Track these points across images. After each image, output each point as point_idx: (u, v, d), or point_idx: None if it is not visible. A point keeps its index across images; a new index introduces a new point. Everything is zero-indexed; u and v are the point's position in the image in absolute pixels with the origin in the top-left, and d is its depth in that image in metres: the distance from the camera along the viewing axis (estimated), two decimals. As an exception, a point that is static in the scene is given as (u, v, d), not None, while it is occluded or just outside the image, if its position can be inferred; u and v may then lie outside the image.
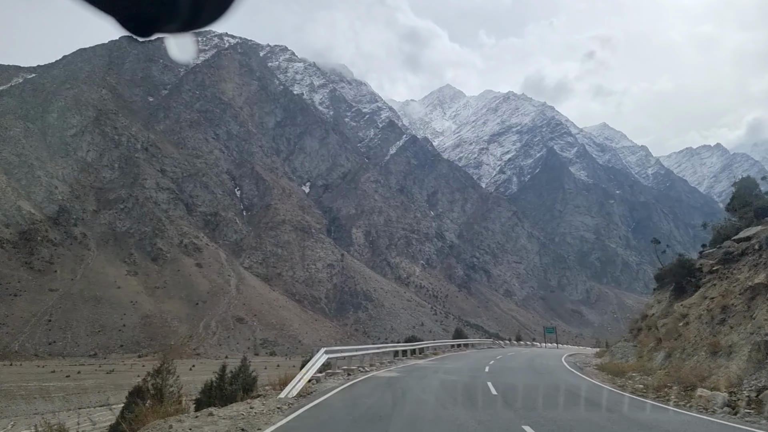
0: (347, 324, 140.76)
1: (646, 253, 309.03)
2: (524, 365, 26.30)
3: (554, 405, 12.03)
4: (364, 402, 12.78)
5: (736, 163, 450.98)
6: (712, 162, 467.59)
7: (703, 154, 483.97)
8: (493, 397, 13.22)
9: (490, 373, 20.47)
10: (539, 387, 15.47)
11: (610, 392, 15.27)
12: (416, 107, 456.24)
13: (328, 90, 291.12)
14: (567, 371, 23.04)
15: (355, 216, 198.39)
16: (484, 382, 16.69)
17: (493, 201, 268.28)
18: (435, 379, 17.95)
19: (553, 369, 24.02)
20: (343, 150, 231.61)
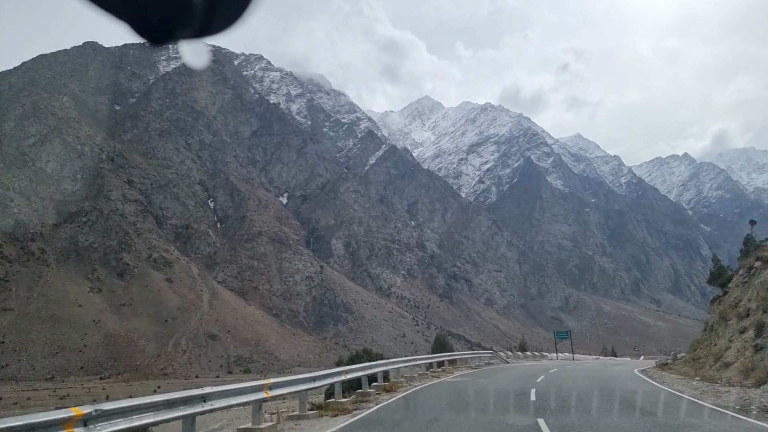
0: (327, 337, 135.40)
1: (622, 259, 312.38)
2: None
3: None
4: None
5: (702, 172, 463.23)
6: (680, 171, 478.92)
7: (671, 163, 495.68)
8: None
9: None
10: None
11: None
12: (395, 118, 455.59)
13: (306, 100, 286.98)
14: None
15: (334, 227, 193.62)
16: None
17: (473, 210, 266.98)
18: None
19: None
20: (321, 160, 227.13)
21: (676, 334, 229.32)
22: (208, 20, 1.29)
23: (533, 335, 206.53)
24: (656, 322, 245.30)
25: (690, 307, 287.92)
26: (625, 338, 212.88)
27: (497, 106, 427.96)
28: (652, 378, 21.40)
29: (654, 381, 19.79)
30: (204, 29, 1.32)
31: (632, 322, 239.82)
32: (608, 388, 16.10)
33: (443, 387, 18.40)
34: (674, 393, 15.47)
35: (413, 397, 15.43)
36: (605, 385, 17.94)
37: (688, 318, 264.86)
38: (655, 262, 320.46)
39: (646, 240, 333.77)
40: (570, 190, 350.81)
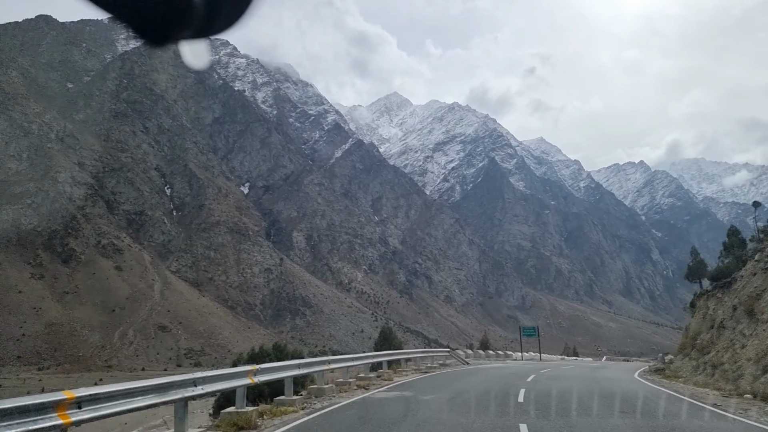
0: (283, 331, 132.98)
1: (577, 261, 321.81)
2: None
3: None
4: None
5: (657, 180, 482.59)
6: (636, 178, 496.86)
7: (628, 170, 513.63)
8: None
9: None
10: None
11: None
12: (363, 113, 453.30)
13: (272, 89, 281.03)
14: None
15: (296, 219, 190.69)
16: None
17: (437, 208, 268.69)
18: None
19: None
20: (286, 151, 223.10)
21: (625, 334, 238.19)
22: (208, 21, 1.30)
23: (490, 333, 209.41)
24: (607, 322, 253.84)
25: (639, 309, 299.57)
26: (578, 338, 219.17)
27: (464, 106, 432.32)
28: (678, 392, 15.52)
29: (702, 403, 13.01)
30: (204, 30, 1.33)
31: (585, 322, 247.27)
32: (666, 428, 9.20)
33: (354, 413, 10.75)
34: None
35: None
36: (634, 408, 11.44)
37: (637, 319, 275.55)
38: (608, 265, 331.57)
39: (601, 243, 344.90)
40: (531, 191, 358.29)
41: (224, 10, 1.33)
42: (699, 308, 32.34)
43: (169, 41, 1.30)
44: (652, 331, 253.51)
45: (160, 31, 1.26)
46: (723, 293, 26.41)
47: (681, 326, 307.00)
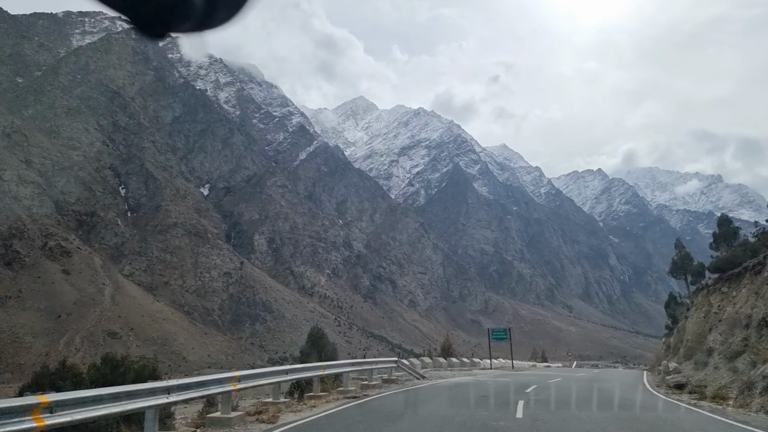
0: (242, 338, 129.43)
1: (539, 266, 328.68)
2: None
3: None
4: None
5: (613, 187, 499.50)
6: (594, 185, 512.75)
7: (587, 177, 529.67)
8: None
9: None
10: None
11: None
12: (329, 116, 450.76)
13: (236, 89, 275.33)
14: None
15: (258, 222, 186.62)
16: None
17: (401, 212, 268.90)
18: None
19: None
20: (248, 152, 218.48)
21: (585, 338, 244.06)
22: (207, 14, 1.29)
23: (454, 338, 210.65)
24: (568, 326, 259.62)
25: (598, 314, 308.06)
26: (539, 342, 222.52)
27: (430, 112, 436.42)
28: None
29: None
30: (203, 23, 1.32)
31: (546, 326, 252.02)
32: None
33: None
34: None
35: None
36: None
37: (596, 323, 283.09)
38: (568, 270, 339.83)
39: (561, 248, 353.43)
40: (494, 197, 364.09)
41: (223, 4, 1.33)
42: (697, 306, 29.16)
43: (167, 34, 1.31)
44: (609, 335, 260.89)
45: (159, 24, 1.26)
46: (729, 287, 23.29)
47: (637, 330, 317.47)
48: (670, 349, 38.31)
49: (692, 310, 31.22)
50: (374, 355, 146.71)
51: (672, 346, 35.33)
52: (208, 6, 1.27)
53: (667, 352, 48.05)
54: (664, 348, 52.24)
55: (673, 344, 35.32)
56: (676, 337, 34.78)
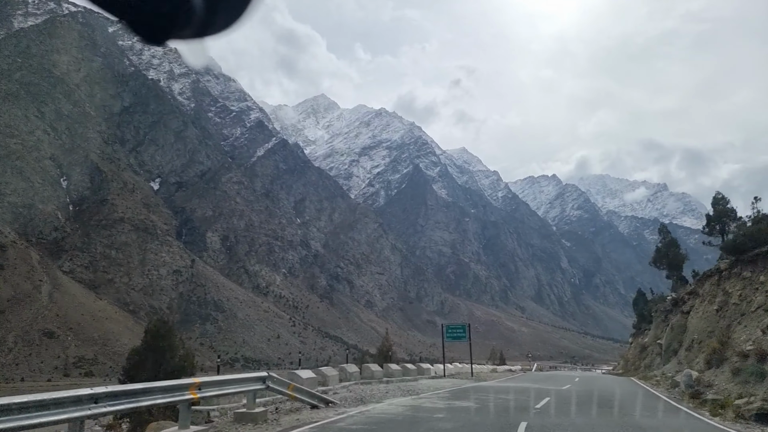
0: (192, 338, 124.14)
1: (494, 267, 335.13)
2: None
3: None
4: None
5: (567, 193, 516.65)
6: (548, 190, 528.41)
7: (542, 182, 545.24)
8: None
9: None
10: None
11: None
12: (289, 112, 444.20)
13: (191, 80, 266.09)
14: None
15: (211, 218, 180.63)
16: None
17: (361, 212, 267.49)
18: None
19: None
20: (203, 146, 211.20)
21: (536, 339, 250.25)
22: (207, 21, 1.29)
23: (409, 338, 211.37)
24: (520, 327, 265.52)
25: (549, 315, 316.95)
26: (492, 342, 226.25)
27: (391, 113, 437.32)
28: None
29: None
30: (204, 29, 1.32)
31: (500, 327, 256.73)
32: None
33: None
34: None
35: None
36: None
37: (547, 325, 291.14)
38: (522, 272, 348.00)
39: (516, 251, 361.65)
40: (453, 199, 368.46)
41: (223, 10, 1.32)
42: (704, 296, 25.16)
43: (168, 40, 1.30)
44: (560, 336, 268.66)
45: (159, 29, 1.26)
46: (754, 270, 19.03)
47: (586, 331, 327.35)
48: (661, 352, 33.85)
49: (694, 302, 27.45)
50: (328, 357, 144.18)
51: (665, 348, 31.15)
52: (208, 12, 1.27)
53: (646, 354, 43.57)
54: (639, 349, 48.58)
55: (665, 345, 31.16)
56: (669, 337, 30.25)
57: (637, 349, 51.29)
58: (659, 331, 41.20)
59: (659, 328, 41.90)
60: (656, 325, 43.88)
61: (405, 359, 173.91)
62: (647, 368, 37.64)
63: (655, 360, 37.20)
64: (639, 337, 55.41)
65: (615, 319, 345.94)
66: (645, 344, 46.15)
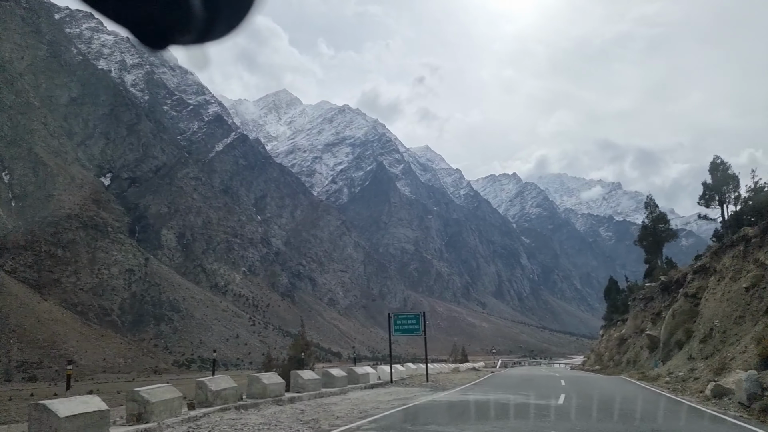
0: (145, 339, 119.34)
1: (456, 264, 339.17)
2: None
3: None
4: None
5: (527, 191, 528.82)
6: (509, 188, 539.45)
7: (503, 181, 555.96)
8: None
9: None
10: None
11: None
12: (250, 107, 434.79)
13: (145, 72, 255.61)
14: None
15: (167, 215, 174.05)
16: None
17: (323, 209, 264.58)
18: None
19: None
20: (158, 140, 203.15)
21: (497, 334, 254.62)
22: (208, 26, 1.28)
23: (372, 335, 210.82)
24: (481, 323, 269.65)
25: (509, 310, 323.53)
26: (454, 338, 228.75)
27: (355, 109, 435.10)
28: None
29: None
30: (204, 35, 1.31)
31: (461, 323, 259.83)
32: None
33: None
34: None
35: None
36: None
37: (507, 320, 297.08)
38: (483, 268, 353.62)
39: (477, 248, 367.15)
40: (416, 197, 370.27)
41: (224, 16, 1.32)
42: (722, 272, 20.82)
43: (168, 46, 1.30)
44: (519, 330, 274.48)
45: (159, 35, 1.26)
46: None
47: (544, 325, 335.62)
48: (655, 345, 29.33)
49: (707, 281, 23.50)
50: (289, 356, 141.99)
51: (663, 340, 26.43)
52: (209, 18, 1.26)
53: (627, 347, 39.41)
54: (616, 342, 44.31)
55: (664, 337, 26.28)
56: (670, 326, 25.35)
57: (612, 341, 47.03)
58: (641, 321, 37.57)
59: (639, 318, 38.30)
60: (635, 315, 40.22)
61: (368, 357, 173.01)
62: (633, 364, 33.53)
63: (642, 354, 32.78)
64: (612, 329, 51.27)
65: (572, 313, 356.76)
66: (623, 336, 42.21)
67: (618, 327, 47.99)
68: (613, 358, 43.06)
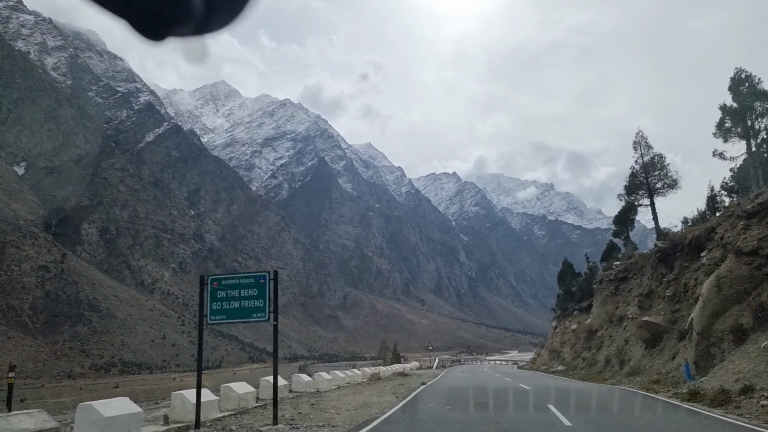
0: (59, 341, 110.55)
1: (396, 261, 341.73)
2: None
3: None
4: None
5: (466, 190, 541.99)
6: (449, 187, 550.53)
7: (443, 179, 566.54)
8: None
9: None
10: None
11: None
12: (185, 98, 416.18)
13: (68, 55, 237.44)
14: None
15: (88, 208, 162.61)
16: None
17: (262, 204, 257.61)
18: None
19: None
20: (80, 128, 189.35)
21: (435, 330, 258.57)
22: (206, 17, 1.28)
23: (310, 334, 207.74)
24: (420, 319, 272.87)
25: (447, 307, 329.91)
26: (393, 335, 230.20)
27: (297, 104, 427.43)
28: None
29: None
30: (203, 26, 1.31)
31: (400, 319, 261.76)
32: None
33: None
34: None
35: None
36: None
37: (445, 316, 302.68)
38: (423, 265, 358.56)
39: (417, 245, 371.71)
40: (358, 193, 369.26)
41: (223, 7, 1.32)
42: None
43: (167, 37, 1.29)
44: (457, 327, 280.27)
45: (158, 27, 1.25)
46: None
47: (481, 321, 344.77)
48: (659, 339, 21.59)
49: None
50: (221, 357, 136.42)
51: (700, 330, 16.47)
52: (207, 9, 1.26)
53: (600, 342, 30.55)
54: (582, 336, 35.23)
55: (700, 325, 16.44)
56: (714, 305, 16.07)
57: (571, 335, 38.22)
58: (614, 307, 30.16)
59: (611, 304, 30.84)
60: (603, 301, 32.53)
61: (305, 356, 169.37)
62: (620, 365, 25.05)
63: (634, 350, 24.25)
64: (568, 320, 42.57)
65: (507, 309, 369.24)
66: (591, 327, 33.65)
67: (576, 317, 40.31)
68: (581, 356, 33.51)
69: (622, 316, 27.54)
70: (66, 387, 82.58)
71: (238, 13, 1.36)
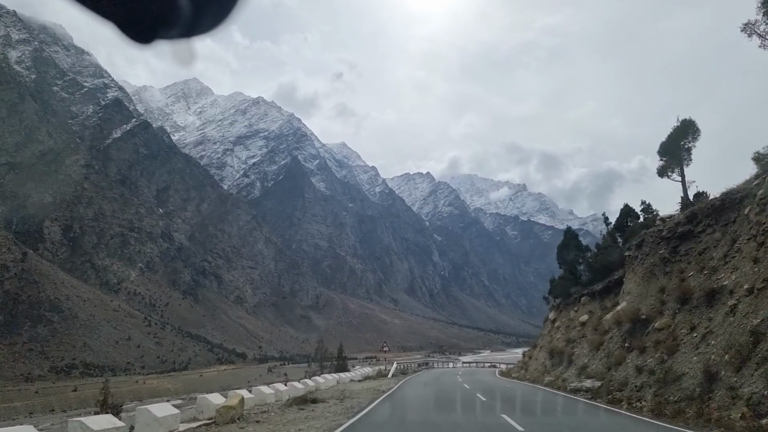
0: (17, 343, 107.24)
1: (369, 261, 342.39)
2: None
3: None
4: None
5: (439, 190, 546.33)
6: (423, 187, 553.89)
7: (417, 180, 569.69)
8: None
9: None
10: None
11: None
12: (156, 95, 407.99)
13: (33, 48, 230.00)
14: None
15: (51, 206, 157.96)
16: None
17: (233, 203, 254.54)
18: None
19: None
20: (44, 123, 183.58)
21: (408, 330, 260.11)
22: (195, 20, 1.28)
23: (282, 334, 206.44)
24: (393, 319, 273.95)
25: (420, 306, 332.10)
26: (366, 335, 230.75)
27: (270, 102, 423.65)
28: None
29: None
30: (191, 29, 1.31)
31: (373, 319, 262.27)
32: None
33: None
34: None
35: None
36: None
37: (419, 316, 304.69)
38: (396, 265, 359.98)
39: (391, 245, 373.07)
40: (331, 193, 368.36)
41: (210, 10, 1.32)
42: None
43: (154, 40, 1.28)
44: (430, 326, 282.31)
45: (145, 30, 1.24)
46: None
47: (453, 321, 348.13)
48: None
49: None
50: (188, 358, 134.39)
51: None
52: (195, 12, 1.27)
53: (638, 341, 14.54)
54: (596, 332, 21.37)
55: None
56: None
57: (594, 330, 22.87)
58: (676, 281, 15.83)
59: (668, 276, 17.15)
60: (646, 274, 18.89)
61: (275, 357, 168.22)
62: (701, 389, 10.75)
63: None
64: (573, 310, 30.21)
65: (479, 309, 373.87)
66: (635, 314, 17.60)
67: (585, 305, 28.22)
68: (623, 363, 16.95)
69: (714, 290, 13.48)
70: (22, 391, 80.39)
71: (225, 16, 1.37)
